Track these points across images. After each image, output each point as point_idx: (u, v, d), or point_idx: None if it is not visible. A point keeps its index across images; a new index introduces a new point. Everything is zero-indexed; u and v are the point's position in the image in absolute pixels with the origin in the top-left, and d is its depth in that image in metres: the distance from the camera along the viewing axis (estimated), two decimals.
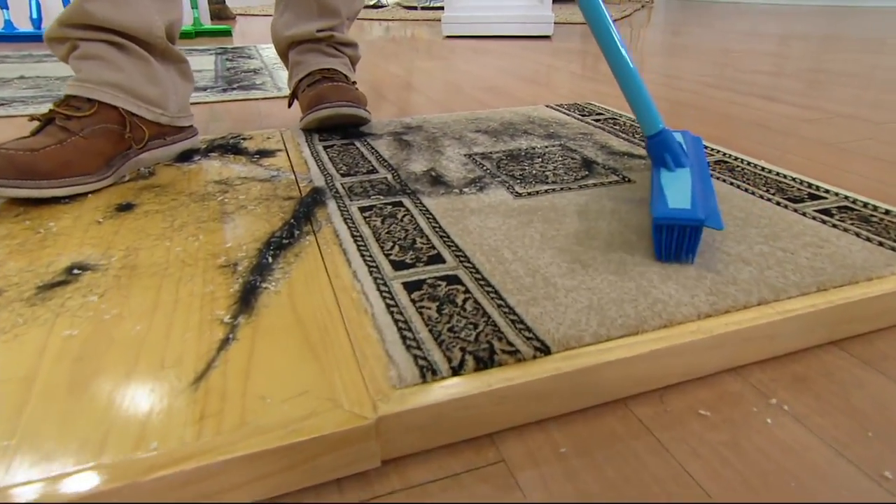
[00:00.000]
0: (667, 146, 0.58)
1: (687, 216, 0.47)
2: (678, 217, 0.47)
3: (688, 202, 0.49)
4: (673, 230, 0.47)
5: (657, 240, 0.48)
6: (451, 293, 0.44)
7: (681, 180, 0.54)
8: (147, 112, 0.70)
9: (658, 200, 0.50)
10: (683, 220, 0.47)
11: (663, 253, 0.48)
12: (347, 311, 0.43)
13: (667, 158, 0.58)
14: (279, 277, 0.47)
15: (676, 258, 0.49)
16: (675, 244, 0.48)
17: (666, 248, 0.48)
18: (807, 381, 0.41)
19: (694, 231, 0.47)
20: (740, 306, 0.43)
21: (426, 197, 0.62)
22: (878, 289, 0.45)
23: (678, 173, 0.56)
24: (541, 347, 0.38)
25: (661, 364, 0.39)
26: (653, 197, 0.52)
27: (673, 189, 0.52)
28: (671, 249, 0.48)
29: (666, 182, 0.54)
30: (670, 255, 0.48)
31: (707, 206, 0.50)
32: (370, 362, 0.37)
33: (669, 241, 0.48)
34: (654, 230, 0.48)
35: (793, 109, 1.14)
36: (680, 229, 0.47)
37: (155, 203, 0.62)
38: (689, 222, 0.47)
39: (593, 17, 0.59)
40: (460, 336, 0.39)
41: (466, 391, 0.35)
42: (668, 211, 0.48)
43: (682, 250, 0.48)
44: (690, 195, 0.51)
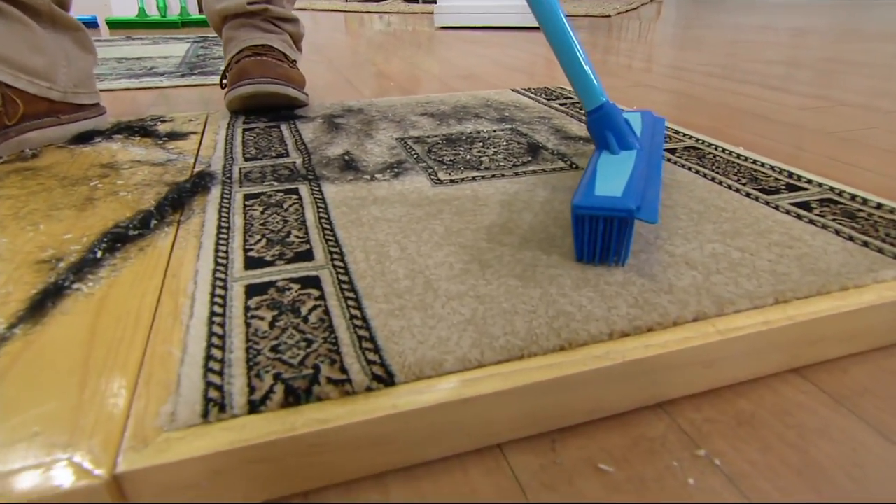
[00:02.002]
0: (609, 123, 0.47)
1: (613, 205, 0.37)
2: (603, 207, 0.37)
3: (620, 189, 0.39)
4: (597, 223, 0.37)
5: (577, 236, 0.38)
6: (300, 300, 0.34)
7: (621, 164, 0.44)
8: (29, 85, 0.61)
9: (583, 187, 0.40)
10: (608, 210, 0.37)
11: (585, 252, 0.38)
12: (163, 320, 0.34)
13: (609, 138, 0.47)
14: (103, 277, 0.38)
15: (602, 259, 0.38)
16: (602, 242, 0.38)
17: (589, 246, 0.38)
18: (753, 423, 0.31)
19: (622, 224, 0.37)
20: (669, 323, 0.33)
21: (329, 183, 0.53)
22: (855, 301, 0.35)
23: (621, 156, 0.46)
24: (382, 376, 0.28)
25: (551, 399, 0.29)
26: (580, 183, 0.41)
27: (607, 174, 0.42)
28: (595, 248, 0.38)
29: (602, 166, 0.44)
30: (594, 255, 0.38)
31: (646, 195, 0.40)
32: (151, 391, 0.28)
33: (593, 237, 0.38)
34: (574, 223, 0.38)
35: (797, 99, 1.03)
36: (606, 222, 0.37)
37: (16, 187, 0.53)
38: (616, 213, 0.36)
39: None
40: (283, 357, 0.29)
41: (259, 436, 0.25)
42: (590, 199, 0.38)
43: (609, 250, 0.38)
44: (626, 181, 0.40)
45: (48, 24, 0.64)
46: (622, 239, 0.37)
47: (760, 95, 1.05)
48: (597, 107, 0.48)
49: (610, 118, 0.47)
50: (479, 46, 1.75)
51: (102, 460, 0.24)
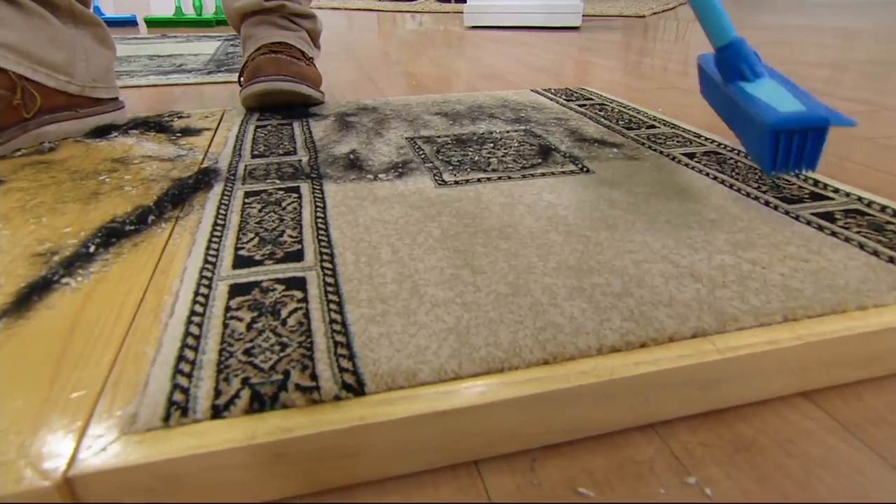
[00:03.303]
0: (742, 56, 0.50)
1: (810, 117, 0.41)
2: (800, 120, 0.41)
3: (799, 105, 0.43)
4: (793, 137, 0.41)
5: (772, 150, 0.42)
6: (282, 301, 0.34)
7: (771, 87, 0.47)
8: (47, 78, 0.62)
9: (762, 109, 0.44)
10: (807, 121, 0.41)
11: (779, 164, 0.43)
12: (144, 317, 0.33)
13: (743, 69, 0.50)
14: (93, 271, 0.38)
15: (796, 167, 0.43)
16: (797, 152, 0.42)
17: (784, 158, 0.42)
18: (753, 450, 0.29)
19: (818, 134, 0.41)
20: (664, 339, 0.31)
21: (331, 182, 0.52)
22: (874, 322, 0.32)
23: (761, 83, 0.49)
24: (352, 385, 0.27)
25: (532, 416, 0.28)
26: (748, 108, 0.45)
27: (770, 96, 0.45)
28: (789, 159, 0.42)
29: (755, 91, 0.47)
30: (787, 165, 0.43)
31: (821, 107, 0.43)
32: (118, 390, 0.27)
33: (790, 149, 0.42)
34: (771, 139, 0.42)
35: (836, 102, 0.98)
36: (801, 135, 0.41)
37: (27, 180, 0.54)
38: (815, 123, 0.41)
39: None
40: (254, 361, 0.29)
41: (217, 444, 0.24)
42: (783, 115, 0.42)
43: (802, 160, 0.42)
44: (795, 98, 0.44)
45: (68, 19, 0.65)
46: (817, 148, 0.42)
47: None
48: (729, 42, 0.50)
49: (743, 52, 0.50)
50: (507, 46, 1.73)
51: (57, 461, 0.23)
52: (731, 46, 0.50)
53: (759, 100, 0.45)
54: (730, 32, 0.51)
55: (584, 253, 0.39)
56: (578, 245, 0.40)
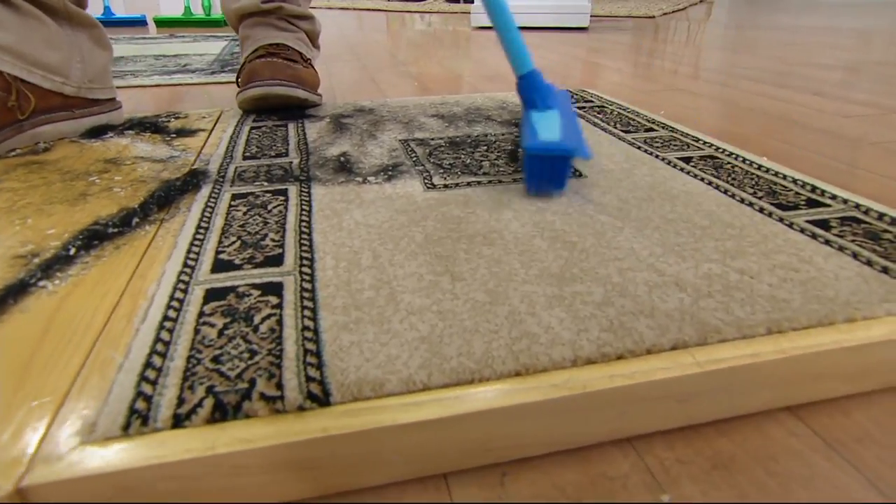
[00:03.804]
0: (536, 87, 0.57)
1: (556, 147, 0.48)
2: (548, 149, 0.48)
3: (557, 136, 0.50)
4: (544, 161, 0.48)
5: (529, 171, 0.49)
6: (256, 307, 0.33)
7: (549, 119, 0.54)
8: (43, 80, 0.63)
9: (530, 134, 0.50)
10: (553, 150, 0.48)
11: (533, 185, 0.50)
12: (116, 322, 0.33)
13: (535, 98, 0.57)
14: (72, 274, 0.38)
15: (547, 188, 0.49)
16: (547, 175, 0.49)
17: (538, 179, 0.49)
18: (731, 467, 0.28)
19: (562, 161, 0.48)
20: (642, 351, 0.30)
21: (319, 185, 0.51)
22: (862, 335, 0.31)
23: (547, 113, 0.55)
24: (318, 395, 0.26)
25: (502, 429, 0.27)
26: (524, 133, 0.52)
27: (542, 125, 0.52)
28: (542, 180, 0.49)
29: (536, 119, 0.54)
30: (541, 186, 0.49)
31: (575, 140, 0.51)
32: (82, 397, 0.27)
33: (542, 171, 0.49)
34: (527, 161, 0.48)
35: (844, 105, 0.96)
36: (551, 160, 0.48)
37: (18, 181, 0.54)
38: (559, 152, 0.48)
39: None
40: (221, 369, 0.28)
41: (175, 454, 0.24)
42: (538, 143, 0.48)
43: (552, 181, 0.49)
44: (559, 130, 0.51)
45: (64, 20, 0.65)
46: (561, 174, 0.49)
47: (803, 101, 0.98)
48: (527, 73, 0.57)
49: (536, 83, 0.57)
50: None
51: (12, 470, 0.23)
52: (525, 77, 0.57)
53: (532, 127, 0.52)
54: (527, 65, 0.57)
55: (569, 260, 0.38)
56: (563, 252, 0.39)
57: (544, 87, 0.57)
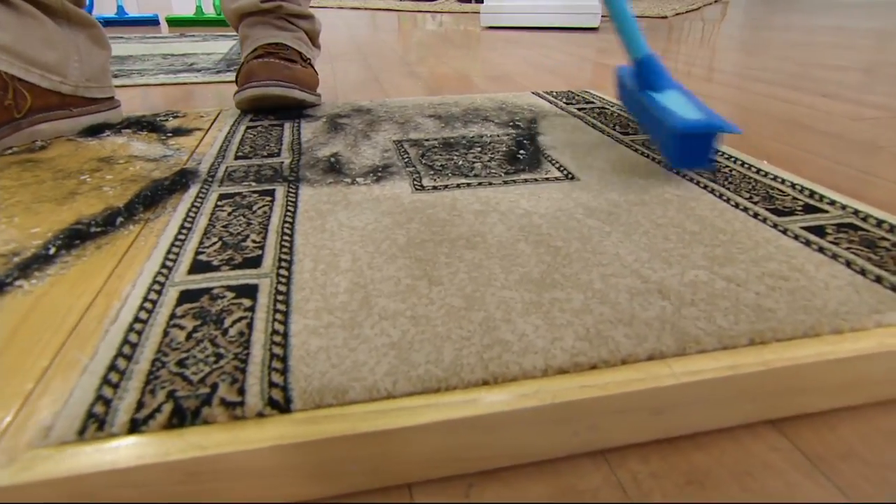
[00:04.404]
0: (654, 69, 0.59)
1: (710, 125, 0.49)
2: (702, 126, 0.49)
3: (698, 114, 0.51)
4: (693, 140, 0.49)
5: (679, 149, 0.50)
6: (228, 309, 0.33)
7: (677, 98, 0.55)
8: (41, 79, 0.63)
9: (671, 115, 0.51)
10: (707, 128, 0.49)
11: (684, 161, 0.52)
12: (88, 323, 0.33)
13: (654, 81, 0.58)
14: (50, 274, 0.38)
15: (697, 166, 0.52)
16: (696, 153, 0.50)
17: (687, 157, 0.50)
18: (706, 483, 0.27)
19: (710, 139, 0.49)
20: (617, 361, 0.29)
21: (308, 186, 0.51)
22: (848, 347, 0.30)
23: (668, 93, 0.57)
24: (278, 402, 0.26)
25: (468, 439, 0.26)
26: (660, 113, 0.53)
27: (677, 105, 0.54)
28: (691, 158, 0.50)
29: (665, 100, 0.55)
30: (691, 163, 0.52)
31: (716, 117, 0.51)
32: (43, 400, 0.27)
33: (692, 149, 0.50)
34: (677, 141, 0.49)
35: (853, 107, 0.94)
36: (700, 138, 0.49)
37: (11, 179, 0.55)
38: (713, 129, 0.49)
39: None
40: (185, 373, 0.28)
41: (128, 460, 0.23)
42: (690, 122, 0.49)
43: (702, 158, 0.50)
44: (696, 109, 0.53)
45: (62, 20, 0.65)
46: (712, 150, 0.50)
47: (812, 103, 0.96)
48: (644, 56, 0.59)
49: (655, 65, 0.59)
50: (520, 47, 1.70)
51: None
52: (645, 60, 0.59)
53: (668, 108, 0.53)
54: (644, 48, 0.59)
55: (551, 265, 0.37)
56: (546, 256, 0.38)
57: (661, 70, 0.59)
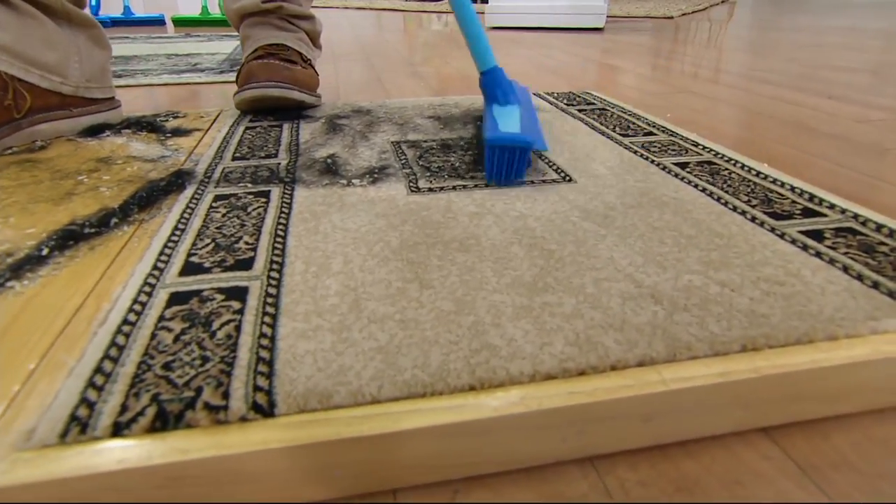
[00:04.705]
0: (498, 82, 0.60)
1: (517, 139, 0.51)
2: (509, 140, 0.50)
3: (517, 128, 0.53)
4: (504, 152, 0.50)
5: (489, 161, 0.51)
6: (217, 312, 0.33)
7: (510, 112, 0.57)
8: (40, 79, 0.63)
9: (491, 127, 0.53)
10: (514, 142, 0.50)
11: (493, 174, 0.51)
12: (77, 325, 0.33)
13: (497, 93, 0.59)
14: (42, 275, 0.38)
15: (507, 179, 0.51)
16: (506, 166, 0.51)
17: (497, 169, 0.51)
18: (695, 491, 0.27)
19: (522, 153, 0.50)
20: (606, 367, 0.28)
21: (303, 187, 0.51)
22: (843, 354, 0.29)
23: (508, 108, 0.58)
24: (262, 406, 0.26)
25: (454, 445, 0.26)
26: (486, 125, 0.54)
27: (504, 118, 0.55)
28: (501, 171, 0.51)
29: (497, 113, 0.57)
30: (500, 176, 0.51)
31: (533, 133, 0.54)
32: (28, 402, 0.27)
33: (501, 162, 0.51)
34: (487, 152, 0.50)
35: (859, 109, 0.93)
36: (510, 151, 0.50)
37: (9, 179, 0.55)
38: (519, 144, 0.50)
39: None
40: (170, 376, 0.28)
41: (110, 464, 0.23)
42: (498, 134, 0.51)
43: (511, 172, 0.51)
44: (519, 123, 0.54)
45: (63, 20, 0.65)
46: (521, 164, 0.51)
47: (817, 105, 0.95)
48: (490, 69, 0.60)
49: (499, 79, 0.60)
50: (524, 47, 1.70)
51: None
52: (489, 73, 0.60)
53: (493, 119, 0.55)
54: (490, 61, 0.60)
55: (544, 269, 0.37)
56: (539, 260, 0.38)
57: (506, 83, 0.60)
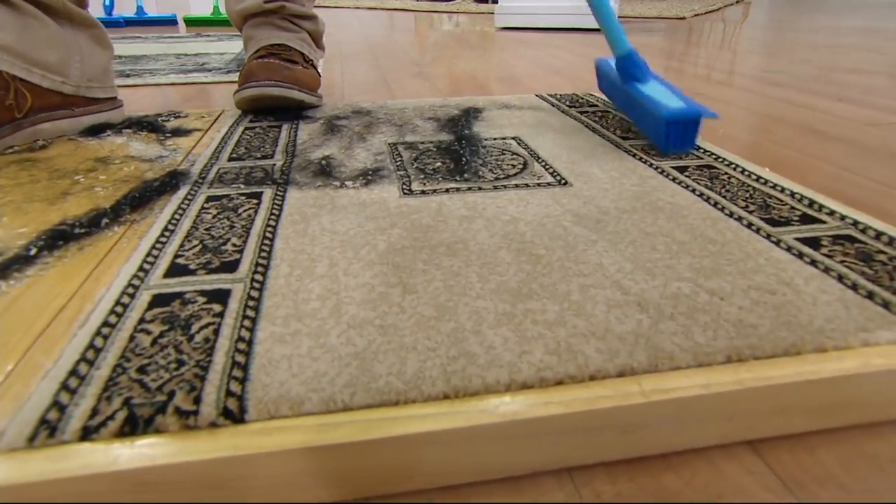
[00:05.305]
0: (637, 64, 0.66)
1: (691, 112, 0.57)
2: (685, 113, 0.57)
3: (681, 103, 0.58)
4: (678, 126, 0.57)
5: (665, 135, 0.57)
6: (198, 315, 0.32)
7: (659, 89, 0.63)
8: (42, 79, 0.64)
9: (657, 104, 0.58)
10: (690, 115, 0.57)
11: (670, 145, 0.58)
12: (58, 326, 0.33)
13: (637, 73, 0.66)
14: (29, 275, 0.38)
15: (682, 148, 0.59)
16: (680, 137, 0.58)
17: (673, 141, 0.58)
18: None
19: (695, 124, 0.58)
20: (585, 376, 0.28)
21: (296, 189, 0.51)
22: (831, 367, 0.28)
23: (652, 84, 0.64)
24: (233, 411, 0.26)
25: (426, 454, 0.26)
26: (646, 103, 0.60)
27: (661, 95, 0.61)
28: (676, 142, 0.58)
29: (649, 91, 0.62)
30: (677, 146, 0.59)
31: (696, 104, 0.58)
32: (1, 405, 0.27)
33: (678, 134, 0.57)
34: (665, 127, 0.57)
35: (870, 112, 0.91)
36: (683, 124, 0.57)
37: (7, 178, 0.55)
38: (694, 115, 0.57)
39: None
40: (144, 379, 0.27)
41: (76, 469, 0.23)
42: (672, 110, 0.57)
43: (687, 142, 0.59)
44: (678, 98, 0.60)
45: (64, 20, 0.66)
46: (695, 134, 0.58)
47: (827, 108, 0.94)
48: (628, 52, 0.65)
49: (638, 60, 0.66)
50: (532, 48, 1.69)
51: None
52: (628, 56, 0.65)
53: (653, 97, 0.60)
54: (626, 45, 0.65)
55: (530, 274, 0.36)
56: (527, 265, 0.38)
57: (644, 64, 0.66)
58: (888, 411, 0.30)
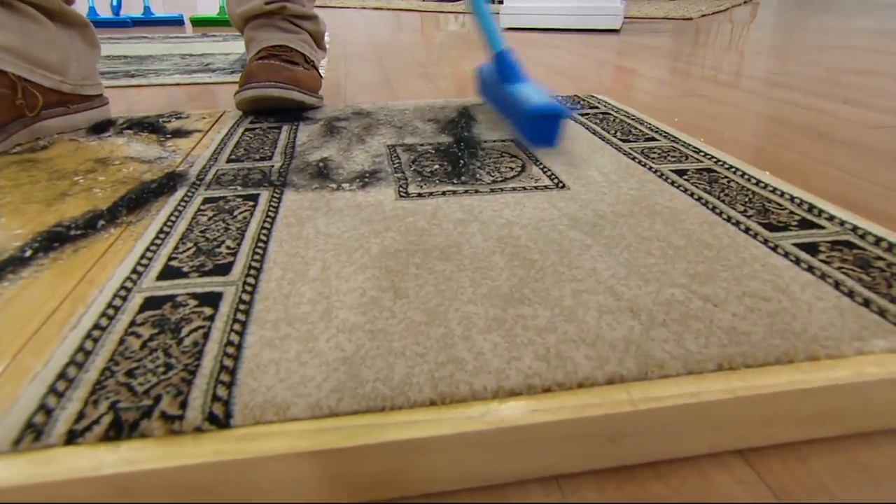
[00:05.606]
0: (508, 62, 0.67)
1: (556, 109, 0.59)
2: (549, 110, 0.58)
3: (547, 101, 0.60)
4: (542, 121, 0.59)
5: (530, 130, 0.60)
6: (188, 318, 0.32)
7: (529, 88, 0.64)
8: (43, 78, 0.64)
9: (525, 101, 0.60)
10: (553, 112, 0.59)
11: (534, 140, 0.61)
12: (50, 329, 0.33)
13: (508, 72, 0.67)
14: (24, 277, 0.38)
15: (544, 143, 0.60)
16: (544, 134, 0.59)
17: (537, 136, 0.60)
18: None
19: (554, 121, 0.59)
20: (573, 384, 0.28)
21: (293, 191, 0.51)
22: (823, 376, 0.28)
23: (524, 83, 0.65)
24: (218, 416, 0.26)
25: (411, 462, 0.26)
26: (515, 100, 0.62)
27: (530, 93, 0.62)
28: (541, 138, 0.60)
29: (519, 89, 0.64)
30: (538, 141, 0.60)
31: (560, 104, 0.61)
32: None
33: (540, 131, 0.59)
34: (528, 123, 0.59)
35: (875, 115, 0.90)
36: (547, 120, 0.59)
37: (7, 179, 0.55)
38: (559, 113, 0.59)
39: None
40: (132, 383, 0.27)
41: (60, 473, 0.23)
42: (536, 106, 0.59)
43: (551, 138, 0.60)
44: (545, 97, 0.61)
45: (59, 20, 0.66)
46: (558, 131, 0.60)
47: (832, 110, 0.93)
48: (501, 50, 0.67)
49: (510, 60, 0.67)
50: (537, 49, 1.69)
51: None
52: (500, 55, 0.67)
53: (521, 95, 0.62)
54: (499, 44, 0.68)
55: (523, 279, 0.36)
56: (520, 270, 0.37)
57: (515, 63, 0.67)
58: (882, 421, 0.30)
